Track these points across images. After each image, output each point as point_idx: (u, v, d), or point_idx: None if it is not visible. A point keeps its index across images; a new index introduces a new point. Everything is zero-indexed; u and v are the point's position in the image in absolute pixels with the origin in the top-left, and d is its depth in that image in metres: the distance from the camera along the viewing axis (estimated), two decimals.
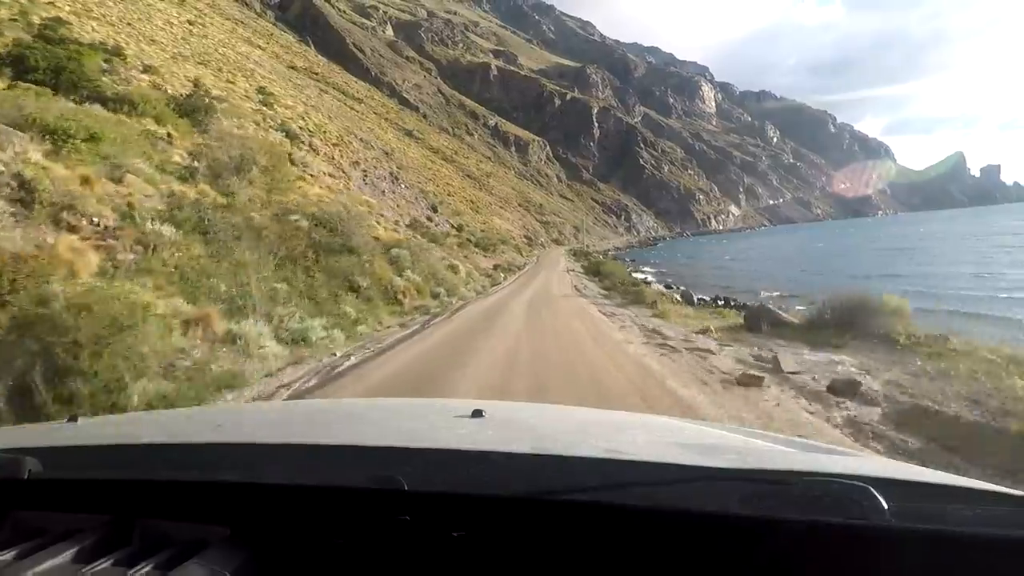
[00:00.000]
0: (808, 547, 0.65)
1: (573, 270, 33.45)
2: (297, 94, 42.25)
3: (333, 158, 26.07)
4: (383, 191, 29.73)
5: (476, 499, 0.74)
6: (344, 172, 25.33)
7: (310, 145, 24.42)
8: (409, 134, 78.77)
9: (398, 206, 28.80)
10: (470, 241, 31.20)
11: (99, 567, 0.67)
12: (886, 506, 0.62)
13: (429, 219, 32.45)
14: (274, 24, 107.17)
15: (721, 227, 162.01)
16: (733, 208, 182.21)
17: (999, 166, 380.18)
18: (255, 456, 0.88)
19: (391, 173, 34.12)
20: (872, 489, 0.63)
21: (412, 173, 45.46)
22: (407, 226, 23.13)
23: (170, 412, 2.31)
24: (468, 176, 78.33)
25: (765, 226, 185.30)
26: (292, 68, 69.92)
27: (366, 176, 28.75)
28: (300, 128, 25.64)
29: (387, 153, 42.00)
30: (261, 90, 28.08)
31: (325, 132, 30.09)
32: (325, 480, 0.77)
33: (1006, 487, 0.78)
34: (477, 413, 1.13)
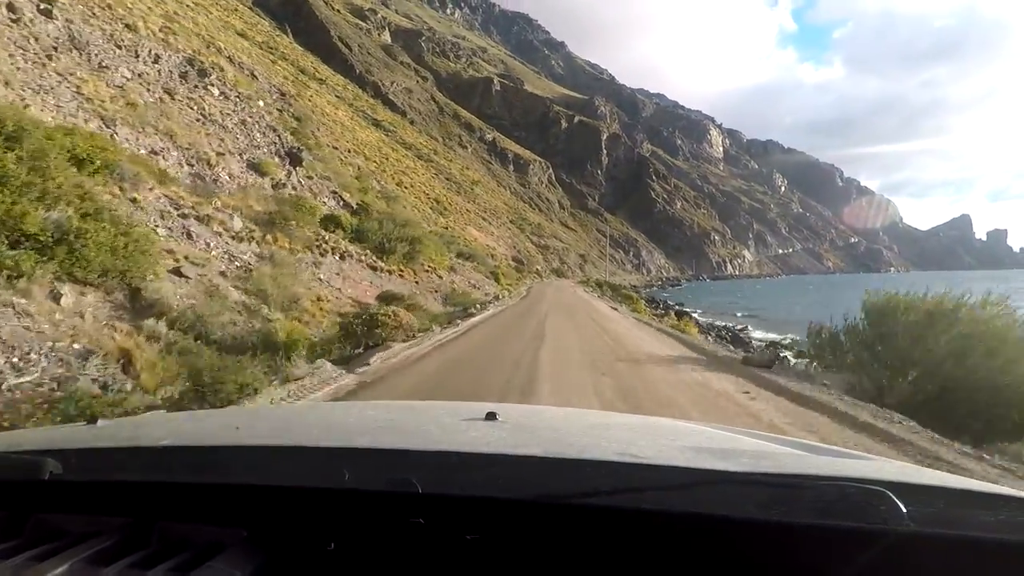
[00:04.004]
0: (824, 552, 0.63)
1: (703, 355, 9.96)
2: None
3: None
4: (127, 75, 13.31)
5: (490, 502, 0.73)
6: None
7: None
8: (377, 124, 63.40)
9: (157, 121, 12.13)
10: (349, 231, 14.46)
11: (117, 569, 0.66)
12: (905, 510, 0.60)
13: (258, 168, 15.49)
14: (250, 8, 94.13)
15: (737, 272, 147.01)
16: (747, 253, 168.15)
17: (1006, 231, 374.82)
18: (271, 458, 0.88)
19: (191, 61, 17.32)
20: (890, 493, 0.62)
21: (328, 134, 29.19)
22: None
23: (186, 414, 2.35)
24: (447, 179, 62.46)
25: (780, 275, 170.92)
26: (241, 36, 55.21)
27: (70, 33, 12.36)
28: None
29: (283, 94, 25.90)
30: None
31: None
32: (340, 483, 0.76)
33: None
34: (491, 416, 1.11)
